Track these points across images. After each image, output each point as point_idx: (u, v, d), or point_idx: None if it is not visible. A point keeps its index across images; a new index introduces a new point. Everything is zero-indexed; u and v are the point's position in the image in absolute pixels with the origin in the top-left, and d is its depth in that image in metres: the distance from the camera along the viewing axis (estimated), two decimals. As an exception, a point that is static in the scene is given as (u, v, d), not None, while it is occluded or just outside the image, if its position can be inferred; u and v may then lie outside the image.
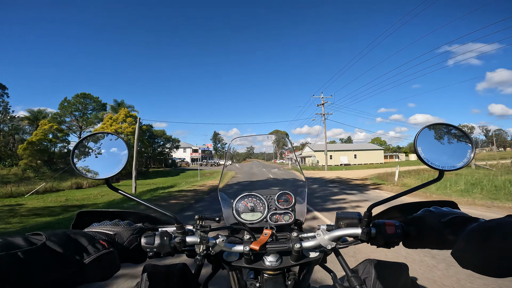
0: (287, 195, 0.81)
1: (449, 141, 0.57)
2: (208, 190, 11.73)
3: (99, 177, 0.56)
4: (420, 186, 0.57)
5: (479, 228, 0.45)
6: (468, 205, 6.30)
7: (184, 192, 11.59)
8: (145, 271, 0.60)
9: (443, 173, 0.54)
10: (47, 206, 12.46)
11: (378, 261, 0.61)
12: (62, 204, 13.45)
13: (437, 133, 0.57)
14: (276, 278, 0.64)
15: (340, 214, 0.67)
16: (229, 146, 1.00)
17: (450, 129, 0.57)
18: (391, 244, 0.60)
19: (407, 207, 0.69)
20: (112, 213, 0.66)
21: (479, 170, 14.40)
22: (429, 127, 0.57)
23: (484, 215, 0.86)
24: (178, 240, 0.57)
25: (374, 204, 0.58)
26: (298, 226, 0.80)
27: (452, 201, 0.66)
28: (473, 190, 8.01)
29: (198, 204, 8.32)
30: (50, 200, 15.13)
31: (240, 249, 0.61)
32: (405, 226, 0.60)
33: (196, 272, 0.67)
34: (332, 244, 0.61)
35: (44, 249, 0.37)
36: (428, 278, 2.56)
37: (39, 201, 14.94)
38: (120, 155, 0.58)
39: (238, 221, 0.76)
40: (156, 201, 9.29)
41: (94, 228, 0.55)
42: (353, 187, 11.28)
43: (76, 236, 0.44)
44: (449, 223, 0.53)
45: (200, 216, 0.62)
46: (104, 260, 0.45)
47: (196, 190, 12.28)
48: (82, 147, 0.58)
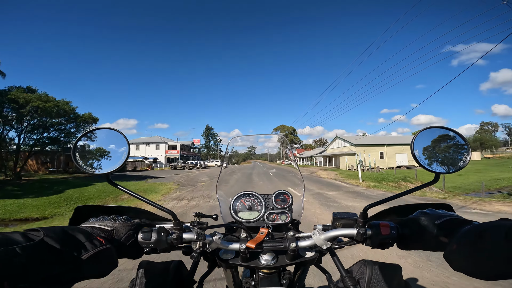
0: (284, 194, 0.81)
1: (446, 144, 0.58)
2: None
3: (99, 172, 0.56)
4: (416, 188, 0.58)
5: (472, 230, 0.45)
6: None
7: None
8: (140, 267, 0.60)
9: (439, 176, 0.55)
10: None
11: (372, 262, 0.62)
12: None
13: (434, 137, 0.58)
14: (271, 277, 0.65)
15: (337, 215, 0.67)
16: (227, 146, 0.98)
17: (448, 133, 0.58)
18: (385, 245, 0.61)
19: (402, 209, 0.70)
20: (110, 208, 0.67)
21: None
22: (426, 130, 0.57)
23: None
24: (175, 236, 0.58)
25: (370, 205, 0.58)
26: (295, 226, 0.80)
27: (447, 204, 0.67)
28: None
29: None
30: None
31: (237, 247, 0.61)
32: (400, 228, 0.60)
33: (192, 270, 0.67)
34: (327, 244, 0.62)
35: (42, 245, 0.38)
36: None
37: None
38: (121, 150, 0.58)
39: (235, 219, 0.77)
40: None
41: (92, 223, 0.55)
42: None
43: (74, 232, 0.45)
44: (443, 225, 0.54)
45: (198, 213, 0.62)
46: (102, 256, 0.45)
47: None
48: (83, 141, 0.58)
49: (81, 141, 0.58)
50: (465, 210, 6.38)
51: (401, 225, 0.61)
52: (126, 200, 9.74)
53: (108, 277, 2.25)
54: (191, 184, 14.08)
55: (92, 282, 2.35)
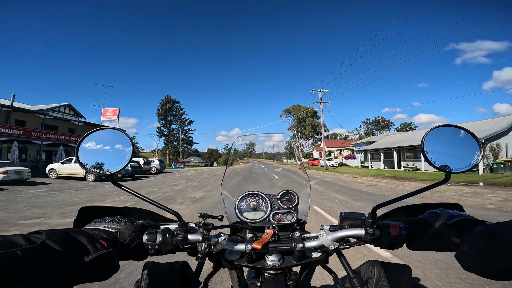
0: (290, 194, 0.80)
1: (457, 143, 0.57)
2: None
3: (103, 172, 0.56)
4: (427, 187, 0.57)
5: (484, 231, 0.45)
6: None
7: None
8: (145, 268, 0.60)
9: (450, 175, 0.54)
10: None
11: (380, 263, 0.61)
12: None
13: (444, 135, 0.57)
14: (277, 278, 0.64)
15: (344, 215, 0.66)
16: (232, 146, 0.98)
17: (458, 131, 0.57)
18: (395, 245, 0.60)
19: (411, 209, 0.69)
20: (114, 209, 0.66)
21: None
22: (437, 129, 0.57)
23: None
24: (180, 238, 0.57)
25: (378, 205, 0.58)
26: (301, 226, 0.80)
27: (457, 203, 0.66)
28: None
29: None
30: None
31: (242, 248, 0.61)
32: (410, 228, 0.60)
33: (197, 271, 0.67)
34: (335, 244, 0.61)
35: (43, 248, 0.38)
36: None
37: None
38: (125, 151, 0.58)
39: (241, 219, 0.76)
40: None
41: (96, 225, 0.55)
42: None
43: (76, 235, 0.45)
44: (455, 225, 0.53)
45: (203, 214, 0.62)
46: (103, 260, 0.45)
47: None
48: (87, 141, 0.58)
49: (85, 142, 0.58)
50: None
51: (411, 225, 0.60)
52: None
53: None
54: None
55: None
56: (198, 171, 28.08)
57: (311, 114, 59.21)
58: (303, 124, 60.18)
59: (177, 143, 50.57)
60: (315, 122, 58.70)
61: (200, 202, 7.81)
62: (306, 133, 60.20)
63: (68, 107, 27.57)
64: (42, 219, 5.59)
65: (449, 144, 0.57)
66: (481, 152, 0.55)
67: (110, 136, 0.60)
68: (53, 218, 5.64)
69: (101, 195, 9.63)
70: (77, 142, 0.57)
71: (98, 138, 0.59)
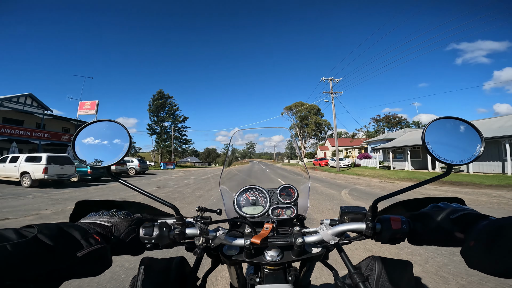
0: (289, 189, 0.80)
1: (459, 135, 0.56)
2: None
3: (100, 165, 0.55)
4: (429, 180, 0.56)
5: (489, 226, 0.44)
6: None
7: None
8: (142, 264, 0.59)
9: (452, 167, 0.54)
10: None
11: (381, 258, 0.61)
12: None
13: (446, 127, 0.56)
14: (276, 274, 0.63)
15: (344, 209, 0.66)
16: (230, 141, 0.90)
17: (460, 123, 0.57)
18: (396, 240, 0.59)
19: (413, 203, 0.69)
20: (111, 203, 0.66)
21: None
22: (438, 121, 0.56)
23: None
24: (178, 232, 0.56)
25: (379, 198, 0.57)
26: (300, 221, 0.78)
27: (459, 197, 0.66)
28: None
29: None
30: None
31: (241, 242, 0.60)
32: (412, 222, 0.58)
33: (195, 266, 0.66)
34: (335, 239, 0.60)
35: (34, 242, 0.36)
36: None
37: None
38: (122, 143, 0.57)
39: (239, 214, 0.75)
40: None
41: (91, 218, 0.54)
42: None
43: (69, 229, 0.43)
44: (459, 220, 0.52)
45: (201, 207, 0.62)
46: (96, 255, 0.44)
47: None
48: (83, 134, 0.57)
49: (82, 134, 0.57)
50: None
51: (413, 219, 0.59)
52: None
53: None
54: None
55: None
56: (187, 173, 24.25)
57: (314, 111, 54.58)
58: (305, 122, 55.28)
59: (169, 141, 45.92)
60: (319, 119, 54.74)
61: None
62: (309, 132, 55.08)
63: (30, 97, 22.75)
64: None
65: (451, 136, 0.56)
66: (482, 144, 0.54)
67: (107, 129, 0.58)
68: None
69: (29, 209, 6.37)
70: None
71: (94, 130, 0.58)
